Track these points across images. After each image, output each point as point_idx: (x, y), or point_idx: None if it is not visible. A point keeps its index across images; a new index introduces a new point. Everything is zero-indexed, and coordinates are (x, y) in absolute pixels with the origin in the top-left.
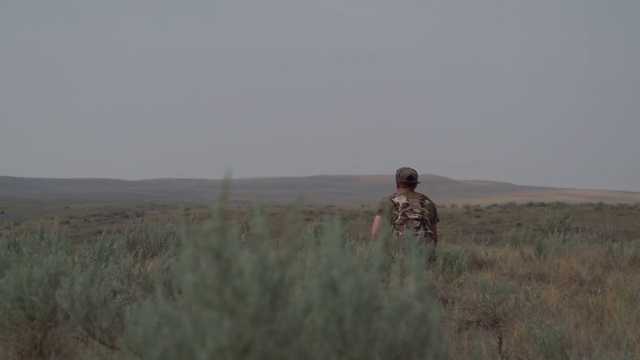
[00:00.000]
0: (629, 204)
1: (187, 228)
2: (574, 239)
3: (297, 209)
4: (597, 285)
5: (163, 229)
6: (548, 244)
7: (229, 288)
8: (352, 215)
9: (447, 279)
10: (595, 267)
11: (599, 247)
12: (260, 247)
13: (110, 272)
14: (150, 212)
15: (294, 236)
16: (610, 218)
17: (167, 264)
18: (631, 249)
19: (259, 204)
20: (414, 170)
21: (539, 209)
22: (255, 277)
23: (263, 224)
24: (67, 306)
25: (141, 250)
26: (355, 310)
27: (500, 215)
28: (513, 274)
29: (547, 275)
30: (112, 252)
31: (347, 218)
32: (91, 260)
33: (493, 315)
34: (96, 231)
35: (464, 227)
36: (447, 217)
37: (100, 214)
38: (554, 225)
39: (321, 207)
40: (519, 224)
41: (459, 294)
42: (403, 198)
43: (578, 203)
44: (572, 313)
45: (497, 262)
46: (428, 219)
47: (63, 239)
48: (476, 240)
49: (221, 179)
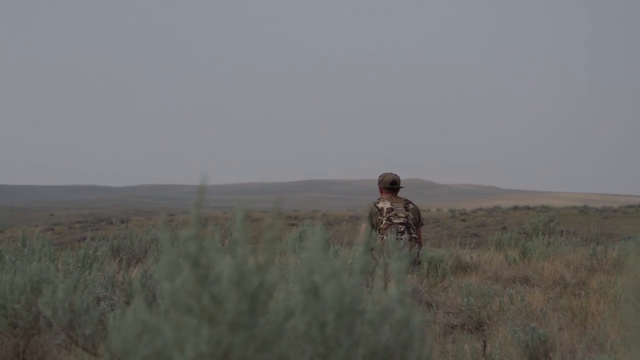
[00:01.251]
0: (613, 206)
1: (168, 235)
2: (558, 242)
3: (275, 214)
4: (581, 288)
5: (147, 235)
6: (532, 247)
7: (207, 294)
8: (337, 220)
9: (431, 282)
10: (580, 270)
11: (583, 250)
12: (239, 252)
13: (94, 279)
14: (135, 218)
15: (273, 241)
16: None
17: (150, 270)
18: (615, 252)
19: (239, 209)
20: (396, 175)
21: (524, 212)
22: (233, 283)
23: (242, 229)
24: (49, 313)
25: (125, 256)
26: (337, 315)
27: (486, 219)
28: (497, 277)
29: (531, 279)
30: (96, 259)
31: (333, 223)
32: (75, 267)
33: (477, 319)
34: (81, 238)
35: (449, 231)
36: (433, 221)
37: (85, 221)
38: (538, 229)
39: (307, 212)
40: (504, 227)
41: (444, 298)
42: (387, 203)
43: (563, 206)
44: (556, 316)
45: (481, 265)
46: (412, 223)
47: (46, 246)
48: (461, 244)
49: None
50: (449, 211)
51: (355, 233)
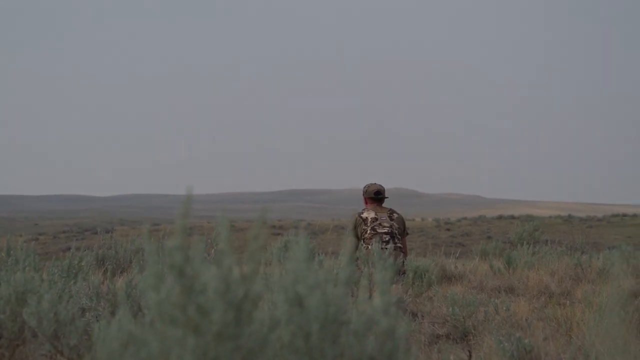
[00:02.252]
0: (597, 216)
1: (153, 245)
2: (543, 251)
3: (260, 224)
4: (566, 297)
5: (132, 245)
6: (517, 257)
7: (192, 305)
8: (322, 229)
9: (416, 292)
10: (565, 279)
11: (568, 259)
12: (224, 263)
13: (79, 289)
14: (120, 228)
15: (257, 251)
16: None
17: (135, 281)
18: (600, 261)
19: (223, 219)
20: (380, 185)
21: (508, 221)
22: (218, 294)
23: (226, 239)
24: (34, 324)
25: (110, 266)
26: (321, 326)
27: (470, 229)
28: (482, 287)
29: (516, 288)
30: (81, 269)
31: (317, 232)
32: (60, 278)
33: (463, 329)
34: (66, 248)
35: (434, 241)
36: (417, 231)
37: (70, 231)
38: (523, 238)
39: (292, 221)
40: (489, 236)
41: (429, 308)
42: (372, 213)
43: (548, 215)
44: (541, 326)
45: (466, 275)
46: (397, 232)
47: (31, 256)
48: (446, 253)
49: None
50: (433, 220)
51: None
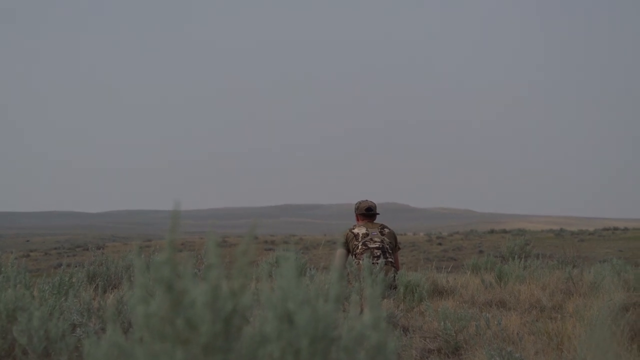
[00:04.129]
0: (589, 229)
1: (142, 260)
2: (534, 265)
3: (249, 239)
4: (557, 311)
5: (123, 261)
6: (509, 271)
7: (181, 319)
8: (314, 244)
9: (408, 307)
10: (556, 293)
11: (559, 273)
12: (212, 277)
13: (70, 305)
14: (112, 244)
15: (246, 266)
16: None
17: (125, 297)
18: (591, 275)
19: (212, 234)
20: (372, 202)
21: (500, 235)
22: (207, 308)
23: (215, 254)
24: (25, 341)
25: (101, 282)
26: (311, 342)
27: (462, 243)
28: (474, 301)
29: (507, 302)
30: (72, 286)
31: (309, 247)
32: (51, 294)
33: (454, 343)
34: (57, 264)
35: (426, 255)
36: (409, 245)
37: (61, 247)
38: (514, 252)
39: (283, 236)
40: (480, 251)
41: (420, 322)
42: (363, 229)
43: (539, 229)
44: (532, 340)
45: (458, 289)
46: (389, 247)
47: (22, 272)
48: (438, 267)
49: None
50: (425, 235)
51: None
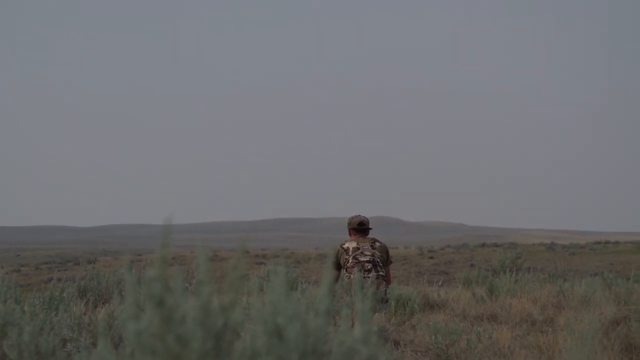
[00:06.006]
0: (580, 243)
1: (133, 275)
2: (525, 279)
3: (239, 254)
4: (548, 325)
5: (114, 275)
6: (500, 285)
7: (172, 335)
8: (305, 257)
9: (399, 321)
10: (547, 306)
11: (550, 286)
12: (203, 293)
13: (61, 320)
14: (103, 258)
15: (237, 281)
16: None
17: (116, 312)
18: (582, 288)
19: (202, 249)
20: (364, 217)
21: (491, 249)
22: (198, 323)
23: (205, 269)
24: (15, 356)
25: (92, 297)
26: (301, 356)
27: (454, 256)
28: (465, 315)
29: (499, 316)
30: (63, 300)
31: (301, 261)
32: (41, 309)
33: (445, 357)
34: (48, 279)
35: (418, 269)
36: (401, 259)
37: (52, 262)
38: (506, 266)
39: (275, 250)
40: (472, 264)
41: (412, 336)
42: (353, 243)
43: (531, 243)
44: (523, 353)
45: (449, 303)
46: (380, 261)
47: (12, 287)
48: (429, 281)
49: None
50: (417, 248)
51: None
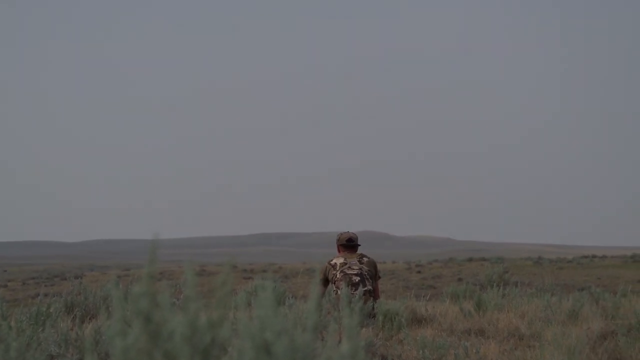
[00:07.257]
0: (567, 257)
1: (120, 291)
2: (513, 293)
3: (227, 270)
4: (536, 339)
5: (101, 291)
6: (487, 299)
7: (159, 351)
8: (293, 272)
9: (387, 335)
10: (534, 321)
11: (538, 301)
12: (191, 308)
13: (48, 336)
14: (90, 273)
15: (225, 297)
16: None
17: (103, 327)
18: (569, 303)
19: (190, 264)
20: (353, 233)
21: (479, 263)
22: (186, 339)
23: (193, 285)
24: None
25: (79, 312)
26: None
27: (441, 271)
28: (453, 329)
29: (486, 330)
30: (49, 316)
31: (288, 275)
32: (28, 325)
33: None
34: (35, 294)
35: (405, 283)
36: (388, 273)
37: (39, 277)
38: (493, 280)
39: (262, 265)
40: (459, 279)
41: (399, 351)
42: (341, 259)
43: (518, 257)
44: None
45: (437, 317)
46: (368, 276)
47: None
48: (417, 295)
49: (165, 239)
50: (404, 263)
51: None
